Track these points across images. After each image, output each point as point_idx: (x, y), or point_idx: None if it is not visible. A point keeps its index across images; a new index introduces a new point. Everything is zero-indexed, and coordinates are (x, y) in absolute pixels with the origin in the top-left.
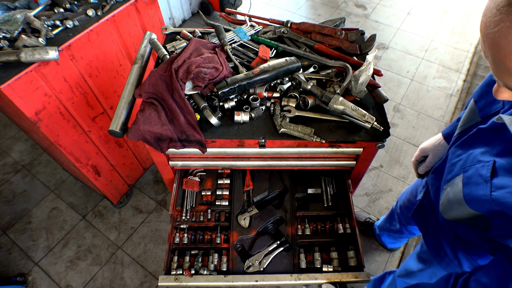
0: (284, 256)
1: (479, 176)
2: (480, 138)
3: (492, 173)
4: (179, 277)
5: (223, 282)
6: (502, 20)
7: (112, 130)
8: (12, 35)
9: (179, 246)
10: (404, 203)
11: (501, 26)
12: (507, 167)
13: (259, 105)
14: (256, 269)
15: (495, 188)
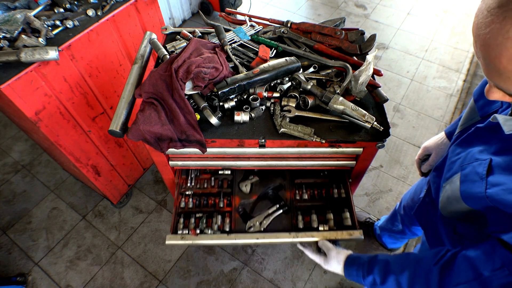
0: (283, 218)
1: (475, 174)
2: (478, 136)
3: (488, 171)
4: (185, 235)
5: (226, 240)
6: (493, 21)
7: (112, 130)
8: (12, 35)
9: (185, 210)
10: (408, 203)
11: (491, 28)
12: (503, 165)
13: (259, 105)
14: (257, 229)
15: (490, 186)
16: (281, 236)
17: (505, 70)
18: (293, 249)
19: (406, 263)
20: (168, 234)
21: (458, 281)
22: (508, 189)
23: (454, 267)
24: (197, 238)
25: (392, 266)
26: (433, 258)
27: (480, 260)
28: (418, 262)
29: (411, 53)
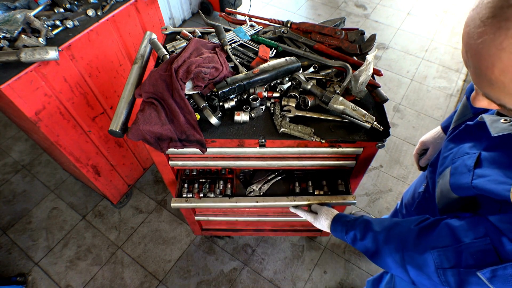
0: (281, 184)
1: (464, 166)
2: (468, 133)
3: (476, 163)
4: (189, 199)
5: (227, 203)
6: (486, 32)
7: (112, 130)
8: (12, 35)
9: (189, 177)
10: (408, 201)
11: (484, 38)
12: (491, 159)
13: (259, 105)
14: (256, 193)
15: (476, 177)
16: (279, 200)
17: (497, 80)
18: (293, 249)
19: (387, 223)
20: (167, 233)
21: (435, 244)
22: (492, 180)
23: (435, 231)
24: (200, 201)
25: (373, 225)
26: (415, 221)
27: (463, 229)
28: (398, 223)
29: (411, 53)
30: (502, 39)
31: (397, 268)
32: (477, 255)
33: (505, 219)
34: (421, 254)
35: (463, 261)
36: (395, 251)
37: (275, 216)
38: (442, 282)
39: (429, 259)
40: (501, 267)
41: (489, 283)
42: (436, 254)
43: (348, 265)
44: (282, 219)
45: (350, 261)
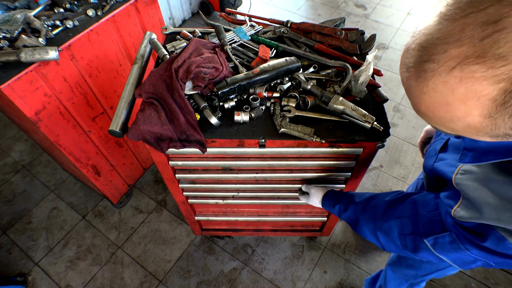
0: None
1: (433, 150)
2: None
3: (443, 148)
4: (192, 171)
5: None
6: (411, 77)
7: (112, 130)
8: (12, 35)
9: None
10: (413, 190)
11: (410, 82)
12: (455, 145)
13: (259, 105)
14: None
15: (438, 160)
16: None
17: (424, 113)
18: (293, 249)
19: (367, 196)
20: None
21: (400, 214)
22: (447, 164)
23: (401, 204)
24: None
25: (355, 198)
26: (389, 194)
27: (423, 203)
28: (375, 196)
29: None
30: (422, 86)
31: (371, 236)
32: (427, 224)
33: (449, 196)
34: (387, 222)
35: (418, 229)
36: (369, 220)
37: (275, 216)
38: (403, 246)
39: (394, 226)
40: (441, 236)
41: (432, 249)
42: (399, 222)
43: (348, 265)
44: (282, 219)
45: (350, 261)
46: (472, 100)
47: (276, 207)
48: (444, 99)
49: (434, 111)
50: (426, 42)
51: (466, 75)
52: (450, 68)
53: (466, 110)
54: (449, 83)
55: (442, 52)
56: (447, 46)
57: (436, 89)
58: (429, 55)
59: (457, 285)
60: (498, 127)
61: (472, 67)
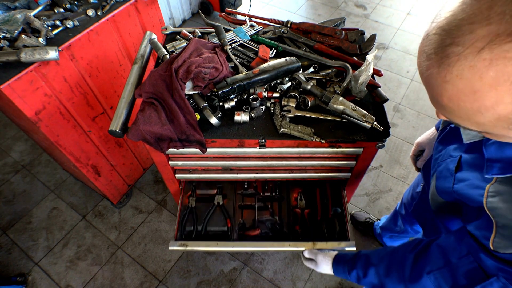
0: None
1: (447, 170)
2: (453, 135)
3: (457, 167)
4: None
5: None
6: (432, 66)
7: (112, 130)
8: (12, 35)
9: None
10: (407, 201)
11: (431, 71)
12: (470, 162)
13: (259, 105)
14: None
15: (457, 181)
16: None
17: (446, 106)
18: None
19: (384, 253)
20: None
21: (430, 268)
22: (470, 184)
23: (428, 255)
24: (203, 172)
25: (372, 259)
26: (409, 246)
27: (450, 248)
28: (395, 251)
29: (411, 53)
30: (445, 73)
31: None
32: (467, 274)
33: (480, 225)
34: (420, 280)
35: (458, 281)
36: (397, 282)
37: None
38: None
39: (428, 283)
40: (488, 283)
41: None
42: (433, 277)
43: None
44: None
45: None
46: (504, 85)
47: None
48: (471, 87)
49: (458, 102)
50: (449, 24)
51: (497, 55)
52: (478, 50)
53: (496, 98)
54: (476, 67)
55: (468, 33)
56: (473, 26)
57: (462, 75)
58: (452, 38)
59: None
60: None
61: (504, 46)
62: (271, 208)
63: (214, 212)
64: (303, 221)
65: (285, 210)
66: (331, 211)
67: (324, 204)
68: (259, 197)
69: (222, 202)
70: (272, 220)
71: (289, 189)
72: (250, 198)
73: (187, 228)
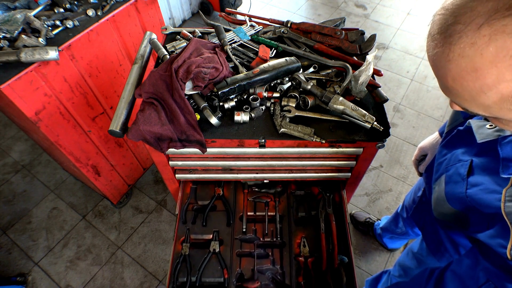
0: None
1: (458, 175)
2: (460, 139)
3: (469, 172)
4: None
5: None
6: (437, 46)
7: (112, 130)
8: (12, 35)
9: None
10: (409, 204)
11: (436, 51)
12: (481, 166)
13: (259, 105)
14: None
15: (470, 186)
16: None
17: (452, 88)
18: None
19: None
20: (167, 233)
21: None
22: (485, 189)
23: (444, 285)
24: (203, 172)
25: None
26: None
27: (467, 275)
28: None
29: (411, 53)
30: (448, 52)
31: None
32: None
33: (494, 234)
34: None
35: None
36: None
37: None
38: None
39: None
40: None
41: None
42: None
43: None
44: None
45: None
46: (504, 61)
47: None
48: (472, 64)
49: (462, 81)
50: (451, 4)
51: (496, 30)
52: (477, 26)
53: (498, 75)
54: (477, 44)
55: (469, 11)
56: (473, 3)
57: (463, 53)
58: (454, 17)
59: None
60: None
61: (502, 20)
62: (271, 256)
63: (210, 260)
64: (307, 271)
65: (287, 259)
66: (337, 259)
67: (330, 252)
68: (259, 243)
69: (218, 249)
70: (273, 270)
71: (291, 234)
72: (249, 244)
73: (180, 279)
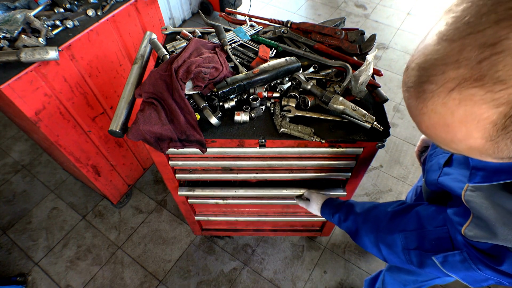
0: None
1: (437, 164)
2: None
3: (447, 163)
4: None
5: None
6: (411, 97)
7: (112, 130)
8: (12, 35)
9: None
10: (411, 198)
11: (410, 101)
12: (459, 160)
13: (259, 105)
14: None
15: (443, 174)
16: (277, 172)
17: (426, 133)
18: (293, 249)
19: (367, 206)
20: (167, 233)
21: (403, 227)
22: (454, 178)
23: (405, 216)
24: (203, 172)
25: (355, 207)
26: (391, 204)
27: (428, 217)
28: (376, 206)
29: (411, 53)
30: (422, 106)
31: (373, 248)
32: (435, 241)
33: (458, 212)
34: (391, 235)
35: (424, 245)
36: (370, 231)
37: (275, 216)
38: (407, 261)
39: (398, 240)
40: (451, 254)
41: (441, 267)
42: (403, 236)
43: (348, 265)
44: (282, 219)
45: (350, 261)
46: (472, 123)
47: (276, 207)
48: (444, 121)
49: (435, 131)
50: (425, 63)
51: (465, 97)
52: (448, 90)
53: (466, 132)
54: (448, 104)
55: (441, 73)
56: (445, 67)
57: (435, 110)
58: (427, 76)
59: (459, 286)
60: (501, 150)
61: (470, 90)
62: None
63: None
64: None
65: None
66: None
67: None
68: None
69: None
70: None
71: None
72: None
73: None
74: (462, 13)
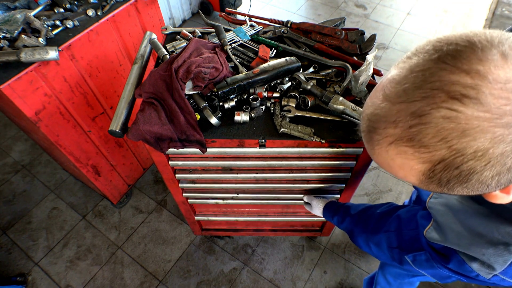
0: None
1: None
2: None
3: None
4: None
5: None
6: (364, 139)
7: (112, 130)
8: (12, 35)
9: None
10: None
11: (364, 141)
12: None
13: (259, 105)
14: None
15: None
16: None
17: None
18: (293, 249)
19: (361, 208)
20: (167, 233)
21: (387, 228)
22: None
23: (388, 219)
24: (202, 172)
25: (351, 210)
26: (379, 207)
27: (406, 220)
28: (367, 208)
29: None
30: (372, 147)
31: (365, 246)
32: (409, 242)
33: (424, 216)
34: (377, 234)
35: (402, 245)
36: (362, 232)
37: (275, 216)
38: (391, 258)
39: (383, 239)
40: (418, 254)
41: (412, 264)
42: (387, 235)
43: (348, 265)
44: (282, 219)
45: (350, 261)
46: (407, 169)
47: (276, 207)
48: (387, 163)
49: (383, 167)
50: (373, 116)
51: (400, 151)
52: (388, 143)
53: (404, 175)
54: (389, 153)
55: (383, 128)
56: (386, 124)
57: (380, 154)
58: (374, 128)
59: (457, 285)
60: (432, 190)
61: (403, 147)
62: None
63: None
64: None
65: None
66: None
67: None
68: None
69: None
70: None
71: None
72: None
73: None
74: (403, 80)
